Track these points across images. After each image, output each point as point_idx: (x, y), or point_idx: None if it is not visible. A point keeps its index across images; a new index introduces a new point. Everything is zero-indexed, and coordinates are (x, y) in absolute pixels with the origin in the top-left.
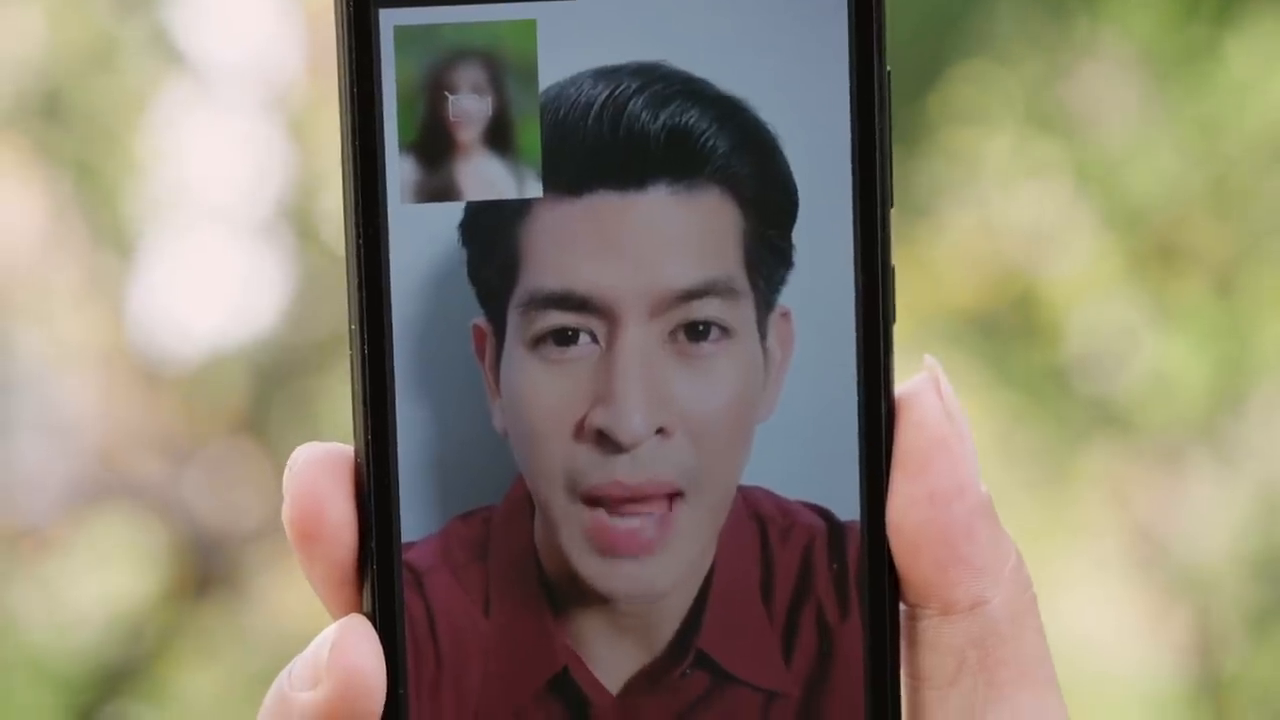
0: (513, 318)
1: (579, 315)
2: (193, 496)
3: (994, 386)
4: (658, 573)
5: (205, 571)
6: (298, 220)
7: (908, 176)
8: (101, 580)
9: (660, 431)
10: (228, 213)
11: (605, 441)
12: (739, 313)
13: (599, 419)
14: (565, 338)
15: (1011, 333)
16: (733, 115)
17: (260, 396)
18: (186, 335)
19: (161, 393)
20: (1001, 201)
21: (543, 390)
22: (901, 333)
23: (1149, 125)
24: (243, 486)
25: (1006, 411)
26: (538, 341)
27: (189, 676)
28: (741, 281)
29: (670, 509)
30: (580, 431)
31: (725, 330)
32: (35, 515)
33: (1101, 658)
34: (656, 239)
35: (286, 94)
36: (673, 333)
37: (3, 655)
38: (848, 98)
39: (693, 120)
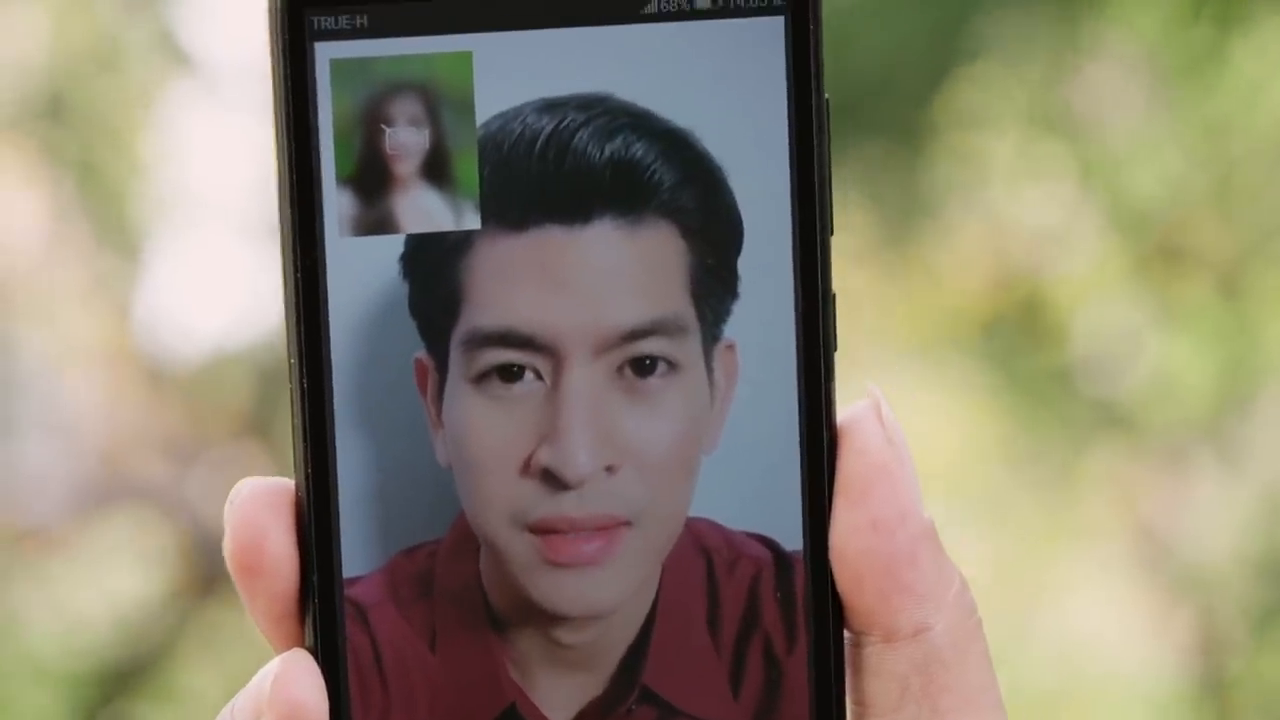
0: (455, 353)
1: (523, 353)
2: (197, 497)
3: (999, 388)
4: (603, 587)
5: (210, 572)
6: None
7: (913, 179)
8: (106, 581)
9: (608, 469)
10: (232, 213)
11: (551, 479)
12: (686, 347)
13: (545, 457)
14: (510, 374)
15: (1016, 334)
16: (678, 147)
17: (265, 397)
18: (191, 336)
19: (166, 393)
20: (1007, 203)
21: (487, 427)
22: (906, 335)
23: (1154, 126)
24: None
25: (1011, 413)
26: (481, 378)
27: (194, 677)
28: (689, 316)
29: (617, 529)
30: (526, 469)
31: (672, 365)
32: (40, 516)
33: (1105, 658)
34: (602, 275)
35: None
36: (619, 368)
37: (7, 656)
38: (786, 125)
39: (639, 153)
